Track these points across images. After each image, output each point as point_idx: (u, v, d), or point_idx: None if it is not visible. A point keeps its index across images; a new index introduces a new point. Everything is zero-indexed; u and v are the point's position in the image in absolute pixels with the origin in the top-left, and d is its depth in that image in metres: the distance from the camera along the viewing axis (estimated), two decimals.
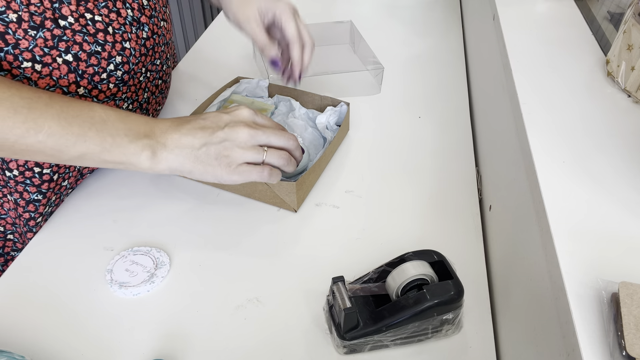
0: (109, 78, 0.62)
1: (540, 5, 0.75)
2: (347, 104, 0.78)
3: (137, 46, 0.65)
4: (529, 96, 0.55)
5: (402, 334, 0.50)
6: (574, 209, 0.42)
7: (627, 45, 0.55)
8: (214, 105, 0.78)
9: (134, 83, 0.67)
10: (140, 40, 0.66)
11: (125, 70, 0.64)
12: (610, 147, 0.48)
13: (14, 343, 0.52)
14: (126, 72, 0.64)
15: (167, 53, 0.75)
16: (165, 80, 0.76)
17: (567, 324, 0.35)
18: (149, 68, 0.69)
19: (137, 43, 0.65)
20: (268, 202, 0.68)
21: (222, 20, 1.15)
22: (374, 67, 0.88)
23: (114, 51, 0.62)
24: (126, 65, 0.64)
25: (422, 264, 0.51)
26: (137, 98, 0.69)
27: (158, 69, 0.72)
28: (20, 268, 0.60)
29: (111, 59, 0.61)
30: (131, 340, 0.53)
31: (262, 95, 0.84)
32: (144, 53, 0.67)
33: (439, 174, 0.74)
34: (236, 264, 0.60)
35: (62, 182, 0.66)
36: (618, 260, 0.38)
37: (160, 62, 0.72)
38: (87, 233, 0.64)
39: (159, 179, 0.72)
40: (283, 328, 0.54)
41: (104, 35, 0.60)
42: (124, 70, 0.64)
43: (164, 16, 0.73)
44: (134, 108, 0.69)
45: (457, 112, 0.86)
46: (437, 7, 1.21)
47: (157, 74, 0.72)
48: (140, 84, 0.68)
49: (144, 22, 0.66)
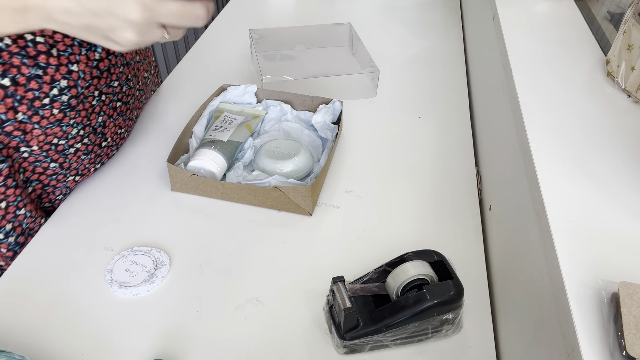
0: (52, 103, 0.59)
1: (540, 5, 0.75)
2: (340, 102, 0.78)
3: (88, 69, 0.62)
4: (529, 96, 0.55)
5: (402, 334, 0.50)
6: (574, 208, 0.42)
7: (627, 45, 0.55)
8: (204, 117, 0.77)
9: (85, 107, 0.64)
10: (91, 62, 0.62)
11: (72, 94, 0.61)
12: (610, 147, 0.48)
13: (14, 343, 0.52)
14: (74, 96, 0.61)
15: (127, 74, 0.71)
16: (126, 101, 0.73)
17: (567, 324, 0.35)
18: (104, 91, 0.66)
19: (88, 65, 0.62)
20: (282, 209, 0.67)
21: (222, 21, 1.15)
22: (370, 71, 0.88)
23: (58, 74, 0.58)
24: (73, 90, 0.61)
25: (422, 264, 0.51)
26: (90, 123, 0.66)
27: (116, 91, 0.69)
28: (20, 268, 0.60)
29: (54, 83, 0.58)
30: (131, 340, 0.53)
31: (251, 101, 0.82)
32: (96, 75, 0.63)
33: (439, 174, 0.74)
34: (236, 264, 0.60)
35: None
36: (618, 260, 0.38)
37: (119, 83, 0.69)
38: (87, 233, 0.64)
39: (160, 179, 0.72)
40: (283, 328, 0.54)
41: (46, 57, 0.57)
42: (70, 95, 0.61)
43: None
44: (86, 134, 0.66)
45: (457, 112, 0.86)
46: (437, 7, 1.21)
47: (114, 96, 0.69)
48: (92, 108, 0.65)
49: None
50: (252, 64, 0.98)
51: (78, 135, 0.65)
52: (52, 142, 0.63)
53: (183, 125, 0.81)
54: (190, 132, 0.75)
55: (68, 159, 0.66)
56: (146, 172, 0.73)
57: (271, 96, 0.82)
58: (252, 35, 0.98)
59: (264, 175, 0.69)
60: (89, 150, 0.68)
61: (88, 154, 0.68)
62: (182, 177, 0.68)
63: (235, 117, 0.77)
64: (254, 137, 0.78)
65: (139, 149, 0.77)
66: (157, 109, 0.86)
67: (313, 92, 0.88)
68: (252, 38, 0.97)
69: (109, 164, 0.74)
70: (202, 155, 0.68)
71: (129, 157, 0.76)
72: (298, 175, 0.70)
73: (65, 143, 0.64)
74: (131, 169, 0.74)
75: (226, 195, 0.68)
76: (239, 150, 0.74)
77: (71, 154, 0.65)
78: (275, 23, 1.13)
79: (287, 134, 0.78)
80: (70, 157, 0.66)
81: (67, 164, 0.66)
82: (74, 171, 0.67)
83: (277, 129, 0.79)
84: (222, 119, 0.76)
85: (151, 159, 0.75)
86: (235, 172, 0.70)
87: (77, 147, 0.66)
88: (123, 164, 0.74)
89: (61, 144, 0.64)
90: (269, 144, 0.73)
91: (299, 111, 0.81)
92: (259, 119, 0.79)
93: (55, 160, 0.64)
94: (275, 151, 0.71)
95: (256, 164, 0.72)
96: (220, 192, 0.68)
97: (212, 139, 0.72)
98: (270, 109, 0.81)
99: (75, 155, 0.66)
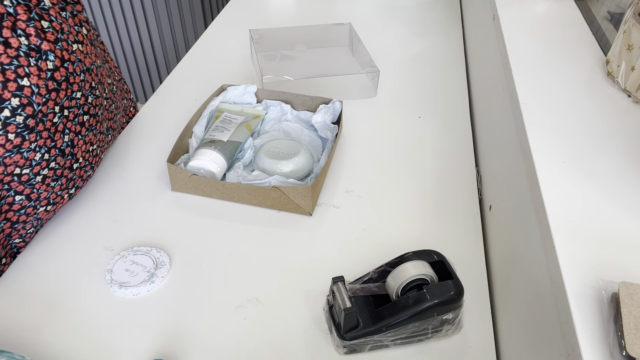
0: (6, 127, 0.52)
1: (540, 5, 0.75)
2: (340, 102, 0.78)
3: (42, 81, 0.54)
4: (529, 96, 0.55)
5: (402, 334, 0.50)
6: (574, 208, 0.42)
7: (627, 45, 0.54)
8: (204, 117, 0.77)
9: (46, 127, 0.56)
10: (44, 73, 0.54)
11: (28, 114, 0.53)
12: (610, 147, 0.48)
13: (14, 343, 0.52)
14: (30, 115, 0.53)
15: (90, 81, 0.63)
16: (94, 114, 0.64)
17: (567, 324, 0.35)
18: (66, 105, 0.58)
19: (41, 77, 0.54)
20: (282, 209, 0.67)
21: (222, 21, 1.15)
22: (370, 71, 0.88)
23: (7, 92, 0.51)
24: (29, 108, 0.53)
25: (422, 264, 0.51)
26: (55, 144, 0.58)
27: (80, 103, 0.61)
28: (21, 268, 0.60)
29: (4, 103, 0.51)
30: (131, 340, 0.53)
31: (251, 101, 0.82)
32: (53, 88, 0.56)
33: (439, 174, 0.74)
34: (236, 264, 0.60)
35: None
36: (618, 260, 0.38)
37: (82, 94, 0.61)
38: (87, 233, 0.64)
39: (160, 179, 0.72)
40: (283, 328, 0.54)
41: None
42: (26, 115, 0.53)
43: (79, 37, 0.61)
44: (52, 157, 0.58)
45: (457, 112, 0.86)
46: (437, 7, 1.21)
47: (79, 109, 0.61)
48: (55, 126, 0.57)
49: (47, 49, 0.55)
50: (252, 64, 0.98)
51: (43, 161, 0.57)
52: (14, 172, 0.55)
53: (183, 125, 0.81)
54: (190, 132, 0.75)
55: (35, 188, 0.58)
56: (146, 172, 0.73)
57: (271, 96, 0.82)
58: (252, 35, 0.98)
59: (264, 175, 0.69)
60: (58, 176, 0.60)
61: (57, 179, 0.60)
62: (182, 177, 0.68)
63: (235, 117, 0.77)
64: (254, 137, 0.78)
65: (139, 149, 0.77)
66: (157, 109, 0.86)
67: (313, 92, 0.88)
68: (252, 38, 0.97)
69: (109, 164, 0.74)
70: (202, 155, 0.68)
71: (129, 157, 0.76)
72: (298, 175, 0.70)
73: (29, 171, 0.56)
74: (131, 169, 0.74)
75: (226, 195, 0.68)
76: (239, 150, 0.74)
77: (38, 182, 0.58)
78: (275, 23, 1.13)
79: (287, 134, 0.78)
80: (37, 186, 0.58)
81: (35, 195, 0.59)
82: (45, 201, 0.60)
83: (277, 129, 0.79)
84: (222, 119, 0.76)
85: (151, 159, 0.75)
86: (235, 172, 0.70)
87: (44, 174, 0.58)
88: (123, 164, 0.74)
89: (25, 173, 0.56)
90: (269, 144, 0.73)
91: (299, 111, 0.81)
92: (259, 119, 0.79)
93: (20, 192, 0.57)
94: (275, 151, 0.71)
95: (256, 164, 0.72)
96: (220, 192, 0.68)
97: (212, 139, 0.72)
98: (270, 109, 0.81)
99: (44, 183, 0.59)
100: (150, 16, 1.81)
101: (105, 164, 0.74)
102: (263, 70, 0.92)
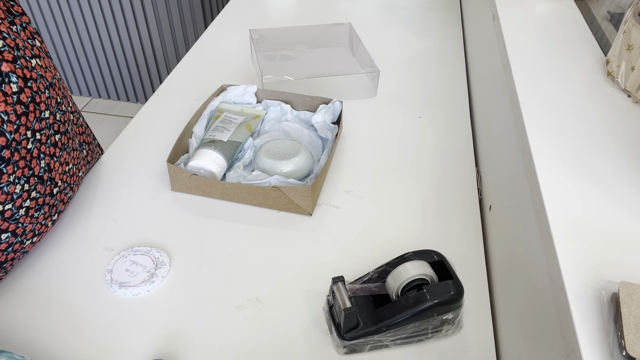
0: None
1: (540, 5, 0.75)
2: (340, 102, 0.78)
3: (10, 107, 0.50)
4: (529, 96, 0.55)
5: (402, 334, 0.50)
6: (573, 208, 0.42)
7: (627, 45, 0.55)
8: (204, 117, 0.77)
9: (22, 155, 0.52)
10: (10, 97, 0.50)
11: (2, 144, 0.49)
12: (610, 147, 0.48)
13: (14, 343, 0.52)
14: (4, 146, 0.50)
15: (55, 97, 0.58)
16: (64, 131, 0.60)
17: (567, 324, 0.35)
18: (36, 128, 0.54)
19: (8, 102, 0.50)
20: (282, 209, 0.67)
21: (222, 20, 1.15)
22: (370, 71, 0.88)
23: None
24: (2, 138, 0.49)
25: (422, 264, 0.51)
26: (33, 172, 0.54)
27: (50, 122, 0.56)
28: (21, 268, 0.60)
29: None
30: (131, 340, 0.53)
31: (251, 101, 0.82)
32: (22, 112, 0.51)
33: (439, 174, 0.74)
34: (236, 264, 0.60)
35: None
36: (618, 260, 0.38)
37: (50, 112, 0.56)
38: (87, 233, 0.64)
39: (160, 179, 0.72)
40: (283, 328, 0.54)
41: None
42: (0, 146, 0.50)
43: (35, 51, 0.56)
44: (32, 186, 0.54)
45: (457, 112, 0.86)
46: (437, 7, 1.21)
47: (50, 129, 0.56)
48: (29, 153, 0.53)
49: (7, 70, 0.50)
50: (252, 64, 0.98)
51: (24, 192, 0.53)
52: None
53: (183, 125, 0.81)
54: (190, 132, 0.75)
55: (20, 222, 0.54)
56: (146, 172, 0.73)
57: (271, 96, 0.82)
58: (252, 35, 0.98)
59: (264, 175, 0.69)
60: (40, 205, 0.56)
61: (40, 208, 0.57)
62: (182, 177, 0.68)
63: (235, 117, 0.77)
64: (254, 137, 0.78)
65: (139, 149, 0.77)
66: (157, 109, 0.86)
67: (313, 92, 0.88)
68: (252, 38, 0.97)
69: (109, 164, 0.74)
70: (202, 155, 0.68)
71: (129, 157, 0.76)
72: (298, 175, 0.70)
73: (12, 206, 0.53)
74: (131, 169, 0.74)
75: (226, 195, 0.68)
76: (239, 150, 0.74)
77: (22, 215, 0.54)
78: (275, 23, 1.13)
79: (287, 134, 0.78)
80: (22, 220, 0.54)
81: (21, 229, 0.55)
82: (30, 234, 0.57)
83: (277, 129, 0.79)
84: (222, 119, 0.76)
85: (151, 159, 0.75)
86: (235, 172, 0.70)
87: (26, 206, 0.54)
88: (123, 164, 0.74)
89: (8, 209, 0.52)
90: (269, 144, 0.73)
91: (299, 111, 0.81)
92: (259, 119, 0.79)
93: (5, 229, 0.53)
94: (275, 151, 0.71)
95: (256, 164, 0.72)
96: (220, 192, 0.68)
97: (212, 139, 0.72)
98: (270, 109, 0.81)
99: (27, 215, 0.55)
100: (150, 16, 1.80)
101: (105, 164, 0.74)
102: (263, 70, 0.92)
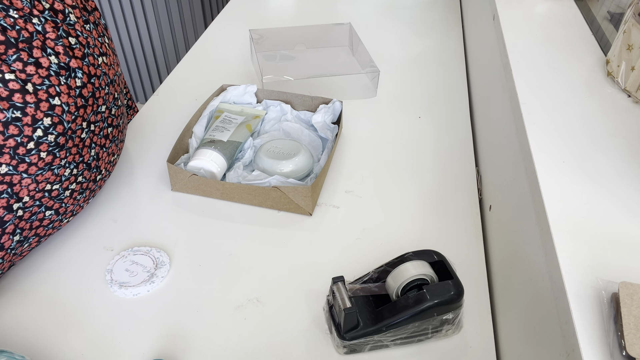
0: (39, 146, 0.52)
1: (540, 5, 0.75)
2: (340, 102, 0.78)
3: (71, 99, 0.54)
4: (529, 96, 0.55)
5: (402, 334, 0.50)
6: (574, 209, 0.42)
7: (627, 45, 0.55)
8: (204, 117, 0.77)
9: (75, 143, 0.56)
10: (73, 91, 0.54)
11: (59, 132, 0.54)
12: (610, 147, 0.48)
13: (14, 343, 0.52)
14: (61, 134, 0.54)
15: (113, 93, 0.63)
16: (117, 124, 0.65)
17: (567, 324, 0.35)
18: (92, 120, 0.58)
19: (70, 95, 0.54)
20: (282, 209, 0.67)
21: (222, 20, 1.15)
22: (370, 71, 0.88)
23: (40, 113, 0.51)
24: (60, 126, 0.53)
25: (422, 264, 0.51)
26: (83, 159, 0.59)
27: (105, 116, 0.61)
28: (21, 268, 0.60)
29: (37, 123, 0.51)
30: (131, 340, 0.53)
31: (251, 101, 0.82)
32: (81, 105, 0.56)
33: (439, 174, 0.74)
34: (236, 264, 0.60)
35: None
36: (618, 260, 0.38)
37: (107, 107, 0.61)
38: (87, 233, 0.64)
39: (160, 179, 0.72)
40: (283, 328, 0.54)
41: (21, 95, 0.50)
42: (57, 133, 0.53)
43: (103, 48, 0.61)
44: (80, 171, 0.59)
45: (457, 112, 0.86)
46: (437, 7, 1.21)
47: (104, 122, 0.61)
48: (82, 142, 0.58)
49: (75, 66, 0.55)
50: (252, 64, 0.98)
51: (72, 176, 0.58)
52: (45, 188, 0.56)
53: (183, 125, 0.81)
54: (190, 132, 0.75)
55: (64, 203, 0.59)
56: (146, 172, 0.73)
57: (271, 96, 0.82)
58: (252, 35, 0.98)
59: (264, 175, 0.69)
60: (84, 189, 0.61)
61: (83, 192, 0.61)
62: (182, 177, 0.68)
63: (235, 117, 0.77)
64: (254, 137, 0.78)
65: (139, 149, 0.77)
66: (157, 109, 0.86)
67: (313, 92, 0.88)
68: (252, 38, 0.97)
69: None
70: (202, 155, 0.68)
71: (129, 157, 0.76)
72: (298, 175, 0.70)
73: (59, 187, 0.57)
74: (131, 169, 0.74)
75: (226, 195, 0.68)
76: (239, 150, 0.74)
77: (67, 197, 0.59)
78: (275, 23, 1.13)
79: (287, 134, 0.78)
80: (66, 200, 0.59)
81: (64, 209, 0.59)
82: (69, 214, 0.61)
83: (277, 129, 0.79)
84: (222, 119, 0.76)
85: (151, 159, 0.75)
86: (235, 172, 0.70)
87: (72, 189, 0.59)
88: (123, 164, 0.74)
89: (55, 189, 0.57)
90: (269, 144, 0.73)
91: (299, 111, 0.81)
92: (259, 119, 0.79)
93: (50, 207, 0.57)
94: (275, 151, 0.71)
95: (256, 164, 0.72)
96: (220, 192, 0.68)
97: (212, 139, 0.72)
98: (270, 109, 0.81)
99: (71, 197, 0.60)
100: (150, 16, 1.81)
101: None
102: (263, 70, 0.92)
